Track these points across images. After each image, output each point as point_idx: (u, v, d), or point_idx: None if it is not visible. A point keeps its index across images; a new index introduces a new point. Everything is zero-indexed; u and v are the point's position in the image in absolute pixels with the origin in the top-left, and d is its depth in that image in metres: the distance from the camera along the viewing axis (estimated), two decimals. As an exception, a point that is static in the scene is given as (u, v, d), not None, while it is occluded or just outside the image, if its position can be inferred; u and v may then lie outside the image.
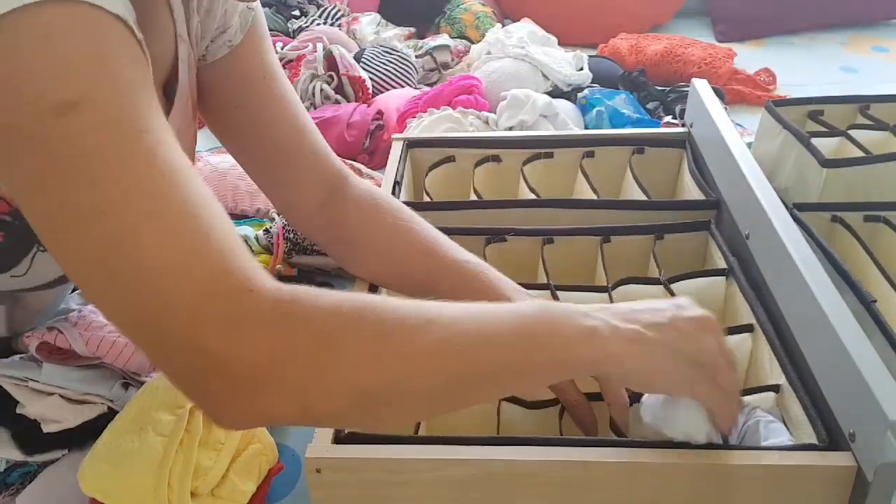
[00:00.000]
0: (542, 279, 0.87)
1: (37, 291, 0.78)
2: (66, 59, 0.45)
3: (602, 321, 0.54)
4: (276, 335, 0.47)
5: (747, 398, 0.72)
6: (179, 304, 0.46)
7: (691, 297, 0.61)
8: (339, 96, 1.55)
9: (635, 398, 0.71)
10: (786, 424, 0.69)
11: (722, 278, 0.85)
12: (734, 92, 1.63)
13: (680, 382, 0.58)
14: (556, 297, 0.83)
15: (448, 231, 0.92)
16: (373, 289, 0.81)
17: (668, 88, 1.57)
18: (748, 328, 0.78)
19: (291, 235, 1.15)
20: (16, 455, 0.81)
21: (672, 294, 0.82)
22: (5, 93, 0.45)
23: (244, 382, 0.46)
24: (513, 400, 0.73)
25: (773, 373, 0.73)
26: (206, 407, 0.49)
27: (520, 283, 0.85)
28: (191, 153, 0.81)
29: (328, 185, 0.80)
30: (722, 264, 0.86)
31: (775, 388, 0.71)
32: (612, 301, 0.82)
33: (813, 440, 0.64)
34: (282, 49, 1.63)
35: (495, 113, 1.39)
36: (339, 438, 0.66)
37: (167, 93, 0.70)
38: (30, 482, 0.81)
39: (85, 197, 0.46)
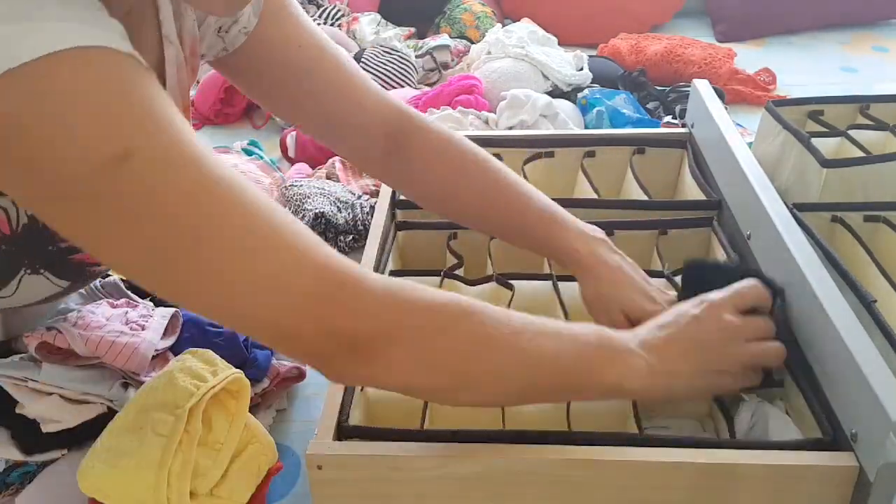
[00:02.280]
0: (546, 273, 0.87)
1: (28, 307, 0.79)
2: (101, 112, 0.46)
3: (642, 359, 0.63)
4: (391, 314, 0.55)
5: (754, 393, 0.72)
6: (299, 301, 0.52)
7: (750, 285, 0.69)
8: (338, 96, 1.55)
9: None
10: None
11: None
12: (734, 92, 1.63)
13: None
14: (556, 288, 0.84)
15: (451, 226, 0.92)
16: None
17: (668, 88, 1.57)
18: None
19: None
20: (15, 455, 0.81)
21: (676, 288, 0.82)
22: (52, 158, 0.46)
23: (367, 360, 0.55)
24: None
25: (780, 371, 0.73)
26: (329, 374, 0.58)
27: (523, 277, 0.86)
28: None
29: (391, 127, 0.80)
30: (726, 261, 0.86)
31: (780, 384, 0.71)
32: None
33: (817, 435, 0.64)
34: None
35: (495, 113, 1.39)
36: (340, 435, 0.66)
37: None
38: (29, 482, 0.81)
39: (172, 235, 0.49)
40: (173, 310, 0.91)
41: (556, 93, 1.54)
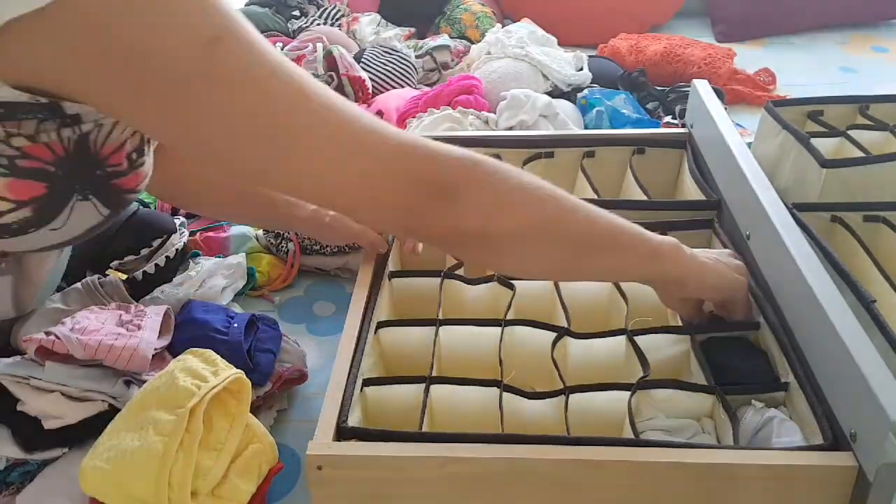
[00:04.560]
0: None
1: (42, 253, 0.83)
2: (189, 3, 0.53)
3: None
4: (465, 163, 0.64)
5: (758, 395, 0.72)
6: (386, 160, 0.61)
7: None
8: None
9: (639, 386, 0.71)
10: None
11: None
12: (734, 92, 1.63)
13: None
14: (557, 288, 0.84)
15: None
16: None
17: (667, 88, 1.57)
18: (755, 325, 0.78)
19: (290, 234, 1.15)
20: (15, 452, 0.81)
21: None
22: (157, 44, 0.52)
23: (450, 200, 0.63)
24: (515, 391, 0.73)
25: (782, 371, 0.73)
26: (416, 226, 0.66)
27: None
28: None
29: None
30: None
31: (784, 386, 0.72)
32: (617, 286, 0.84)
33: (819, 438, 0.64)
34: (282, 49, 1.63)
35: (495, 113, 1.39)
36: (340, 435, 0.66)
37: None
38: (29, 482, 0.81)
39: (266, 109, 0.56)
40: (165, 307, 0.91)
41: (555, 93, 1.54)
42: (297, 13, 1.96)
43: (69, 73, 0.55)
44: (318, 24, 1.87)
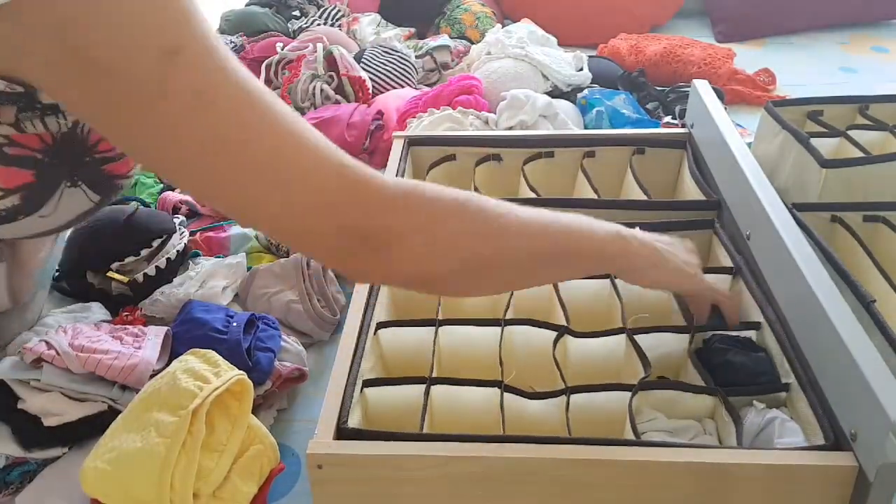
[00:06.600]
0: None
1: (37, 239, 0.80)
2: (151, 10, 0.48)
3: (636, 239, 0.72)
4: (401, 207, 0.58)
5: (759, 396, 0.72)
6: (320, 200, 0.55)
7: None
8: (339, 96, 1.55)
9: (640, 387, 0.71)
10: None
11: (728, 276, 0.85)
12: (734, 92, 1.63)
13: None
14: (556, 288, 0.84)
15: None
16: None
17: (667, 89, 1.57)
18: (755, 325, 0.78)
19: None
20: (15, 450, 0.81)
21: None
22: (114, 50, 0.47)
23: (381, 251, 0.57)
24: (516, 391, 0.73)
25: (783, 371, 0.73)
26: (348, 272, 0.60)
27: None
28: None
29: None
30: (727, 262, 0.86)
31: (785, 387, 0.72)
32: (614, 287, 0.84)
33: (820, 438, 0.64)
34: (282, 49, 1.63)
35: (495, 113, 1.39)
36: (340, 435, 0.66)
37: None
38: (29, 482, 0.81)
39: (218, 133, 0.51)
40: (165, 329, 0.91)
41: (555, 93, 1.54)
42: (297, 13, 1.96)
43: (32, 71, 0.51)
44: (319, 24, 1.87)
